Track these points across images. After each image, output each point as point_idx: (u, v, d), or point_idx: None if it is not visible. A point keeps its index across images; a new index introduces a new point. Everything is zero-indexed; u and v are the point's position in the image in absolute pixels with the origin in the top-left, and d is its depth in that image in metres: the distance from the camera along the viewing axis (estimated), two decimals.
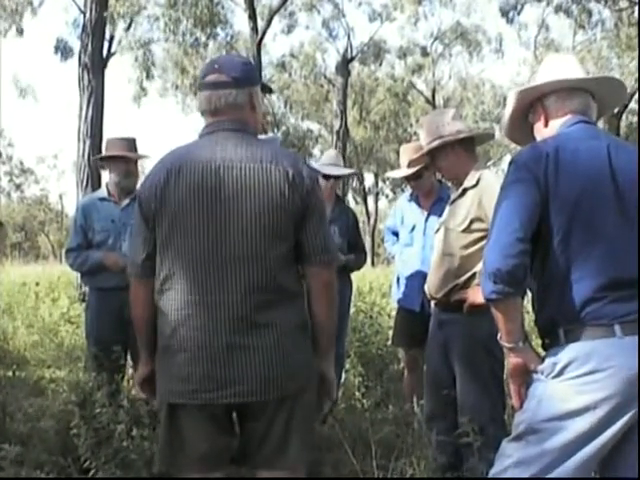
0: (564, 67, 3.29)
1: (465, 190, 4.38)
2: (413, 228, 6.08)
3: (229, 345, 2.97)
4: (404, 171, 5.93)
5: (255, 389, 2.99)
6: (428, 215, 5.96)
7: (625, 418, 2.80)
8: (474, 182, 4.33)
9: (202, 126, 3.23)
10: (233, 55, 3.81)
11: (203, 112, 3.21)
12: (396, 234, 6.47)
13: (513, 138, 3.59)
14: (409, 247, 6.11)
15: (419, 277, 5.79)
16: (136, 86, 32.57)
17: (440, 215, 5.35)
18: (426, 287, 4.64)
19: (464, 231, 4.26)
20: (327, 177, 6.09)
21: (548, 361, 2.95)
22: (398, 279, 6.28)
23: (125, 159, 5.84)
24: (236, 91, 3.13)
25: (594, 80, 3.27)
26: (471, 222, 4.23)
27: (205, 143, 3.12)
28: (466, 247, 4.24)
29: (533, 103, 3.34)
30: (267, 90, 3.47)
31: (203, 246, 2.99)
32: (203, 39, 29.31)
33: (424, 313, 5.72)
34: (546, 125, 3.27)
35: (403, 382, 6.44)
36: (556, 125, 3.23)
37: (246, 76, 3.18)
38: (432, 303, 4.67)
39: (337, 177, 6.30)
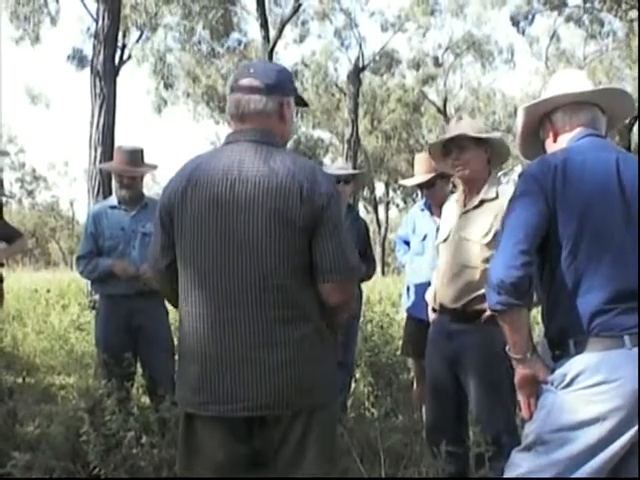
0: (570, 82, 3.29)
1: (482, 202, 4.37)
2: (425, 237, 6.05)
3: (241, 359, 2.96)
4: (418, 178, 5.94)
5: (266, 404, 2.97)
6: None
7: (634, 429, 2.80)
8: (494, 195, 4.32)
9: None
10: (270, 62, 3.75)
11: (231, 116, 3.15)
12: (408, 243, 6.45)
13: (527, 155, 3.58)
14: (420, 256, 6.09)
15: (429, 287, 5.78)
16: (154, 96, 32.82)
17: None
18: (430, 297, 4.61)
19: (488, 244, 4.23)
20: (337, 181, 6.06)
21: (558, 372, 2.95)
22: (408, 288, 6.25)
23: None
24: (266, 98, 3.07)
25: (598, 92, 3.26)
26: (494, 235, 4.21)
27: (225, 154, 3.07)
28: (488, 260, 4.21)
29: (542, 119, 3.34)
30: (302, 104, 3.41)
31: (216, 261, 2.97)
32: (217, 48, 29.48)
33: None
34: (555, 140, 3.28)
35: (412, 392, 6.42)
36: (565, 139, 3.23)
37: (279, 84, 3.11)
38: (434, 313, 4.63)
39: (346, 181, 6.28)
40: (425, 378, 6.00)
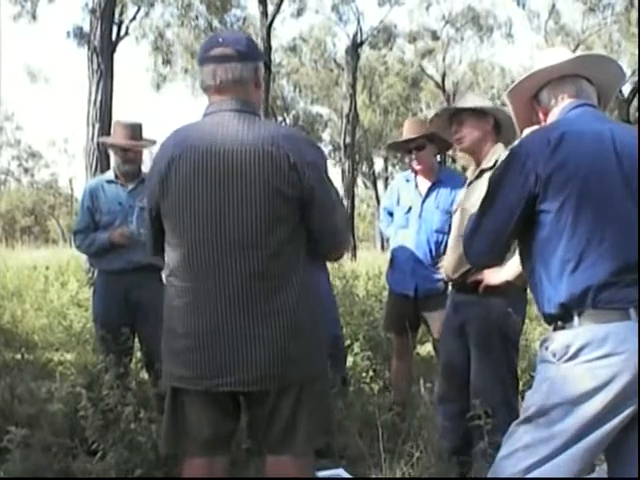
0: (550, 59, 3.24)
1: (482, 171, 4.38)
2: (409, 209, 5.88)
3: (229, 333, 2.95)
4: (407, 136, 5.80)
5: (254, 378, 2.97)
6: (425, 197, 5.79)
7: (636, 403, 2.78)
8: (491, 164, 4.32)
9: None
10: (235, 31, 3.78)
11: (207, 88, 3.13)
12: (392, 214, 6.20)
13: None
14: (404, 229, 5.91)
15: (413, 261, 5.72)
16: (153, 73, 32.76)
17: (438, 198, 5.50)
18: (442, 268, 4.64)
19: None
20: None
21: (560, 343, 2.91)
22: (392, 262, 6.06)
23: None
24: (241, 65, 3.07)
25: (571, 62, 3.19)
26: None
27: (207, 125, 3.07)
28: None
29: (531, 104, 3.32)
30: (266, 68, 3.43)
31: (204, 232, 2.97)
32: (214, 23, 29.35)
33: (417, 298, 5.69)
34: (546, 119, 3.25)
35: (391, 369, 6.30)
36: (556, 113, 3.20)
37: (250, 50, 3.12)
38: (449, 285, 4.68)
39: None
40: (405, 355, 5.99)
